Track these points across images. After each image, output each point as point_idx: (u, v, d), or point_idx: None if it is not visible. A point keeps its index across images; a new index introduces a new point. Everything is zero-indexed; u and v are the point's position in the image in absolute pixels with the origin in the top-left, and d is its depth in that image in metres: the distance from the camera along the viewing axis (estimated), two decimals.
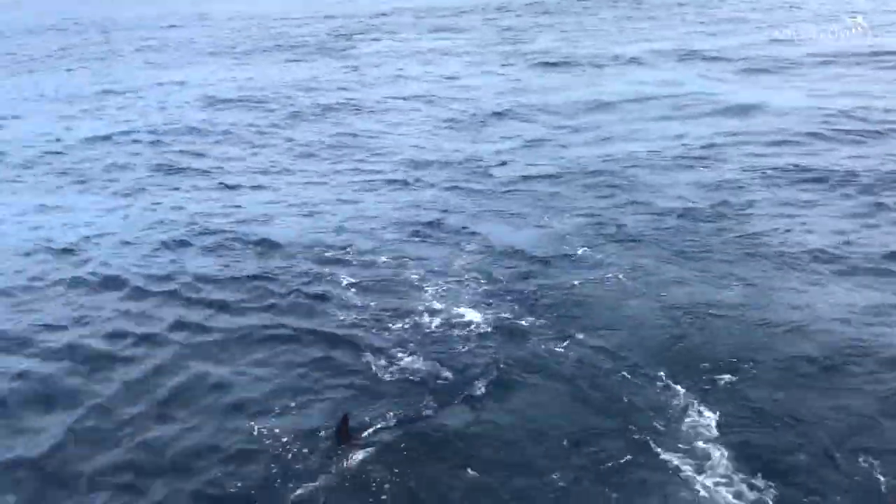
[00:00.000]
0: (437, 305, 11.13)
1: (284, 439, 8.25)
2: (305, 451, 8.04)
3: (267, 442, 8.26)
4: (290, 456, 7.99)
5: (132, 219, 16.44)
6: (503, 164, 19.21)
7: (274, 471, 7.80)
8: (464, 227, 14.49)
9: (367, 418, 8.49)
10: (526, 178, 17.81)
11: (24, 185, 19.97)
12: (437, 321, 10.67)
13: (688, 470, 7.33)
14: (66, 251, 14.61)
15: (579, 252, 12.87)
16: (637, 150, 19.49)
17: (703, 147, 19.30)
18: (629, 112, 24.42)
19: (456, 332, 10.33)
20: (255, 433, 8.45)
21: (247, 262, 13.45)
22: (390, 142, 22.34)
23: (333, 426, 8.20)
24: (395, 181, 18.20)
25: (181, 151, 22.61)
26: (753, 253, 12.41)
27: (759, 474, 7.23)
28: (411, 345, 10.12)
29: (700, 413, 8.18)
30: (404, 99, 28.67)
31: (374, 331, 10.59)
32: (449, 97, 28.33)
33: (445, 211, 15.57)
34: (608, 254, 12.76)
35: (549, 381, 9.06)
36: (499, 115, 25.31)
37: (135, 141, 24.10)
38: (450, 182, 17.68)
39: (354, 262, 13.08)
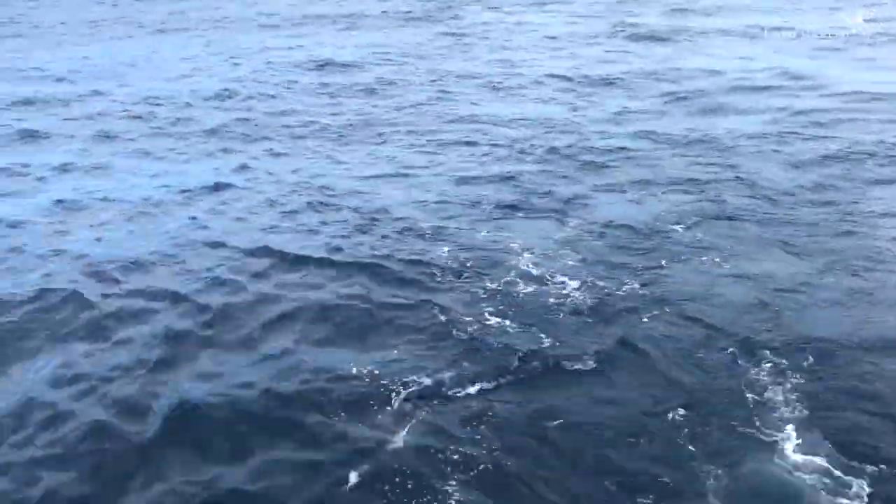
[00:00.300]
0: (534, 272, 11.36)
1: (368, 384, 8.75)
2: (386, 400, 8.47)
3: (348, 384, 8.77)
4: (371, 401, 8.45)
5: (240, 177, 17.19)
6: (605, 134, 19.21)
7: (349, 411, 8.31)
8: (562, 199, 14.63)
9: (451, 378, 8.79)
10: (626, 149, 17.78)
11: (143, 141, 21.06)
12: (531, 288, 10.89)
13: (777, 447, 7.41)
14: (177, 205, 15.49)
15: (677, 228, 12.87)
16: (741, 125, 19.20)
17: (811, 124, 18.87)
18: (735, 85, 24.00)
19: (551, 300, 10.53)
20: (338, 374, 8.98)
21: (346, 224, 13.92)
22: (493, 111, 22.51)
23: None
24: (496, 149, 18.42)
25: (290, 114, 23.38)
26: (862, 240, 12.09)
27: (846, 455, 7.26)
28: (502, 307, 10.37)
29: (792, 394, 8.20)
30: (508, 68, 28.78)
31: (468, 294, 10.85)
32: (553, 66, 28.31)
33: (545, 181, 15.73)
34: (706, 231, 12.71)
35: (639, 354, 9.16)
36: (604, 85, 25.24)
37: (246, 105, 25.00)
38: (551, 152, 17.78)
39: (452, 228, 13.39)
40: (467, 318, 10.07)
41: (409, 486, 7.16)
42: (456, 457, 7.52)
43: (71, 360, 9.65)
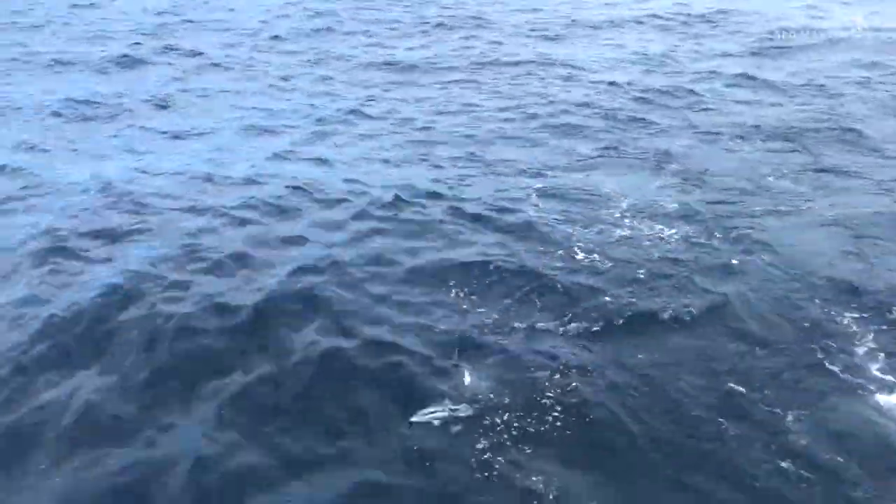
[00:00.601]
0: (630, 219, 11.50)
1: (458, 317, 8.96)
2: (474, 335, 8.60)
3: (436, 315, 8.99)
4: (458, 335, 8.58)
5: (339, 113, 17.77)
6: (705, 77, 19.03)
7: (442, 340, 8.52)
8: (659, 145, 14.68)
9: (542, 321, 8.86)
10: (725, 94, 17.64)
11: (242, 75, 21.87)
12: (627, 233, 11.03)
13: (865, 391, 7.58)
14: (276, 135, 16.25)
15: (775, 177, 12.83)
16: (848, 71, 18.70)
17: None
18: (844, 31, 23.26)
19: (646, 246, 10.67)
20: (424, 301, 9.30)
21: (441, 163, 14.29)
22: (593, 51, 22.50)
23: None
24: (595, 91, 18.52)
25: (388, 52, 23.79)
26: None
27: None
28: (596, 253, 10.43)
29: (881, 342, 8.29)
30: (607, 8, 28.46)
31: (562, 239, 10.89)
32: (654, 6, 27.85)
33: (642, 126, 15.80)
34: (805, 181, 12.65)
35: (731, 301, 9.24)
36: (706, 26, 24.78)
37: (347, 42, 25.48)
38: (650, 95, 17.78)
39: (549, 171, 13.62)
40: (560, 263, 10.19)
41: (503, 409, 7.42)
42: (546, 393, 7.68)
43: (166, 257, 10.46)
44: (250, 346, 8.46)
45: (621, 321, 8.86)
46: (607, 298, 9.28)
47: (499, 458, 6.75)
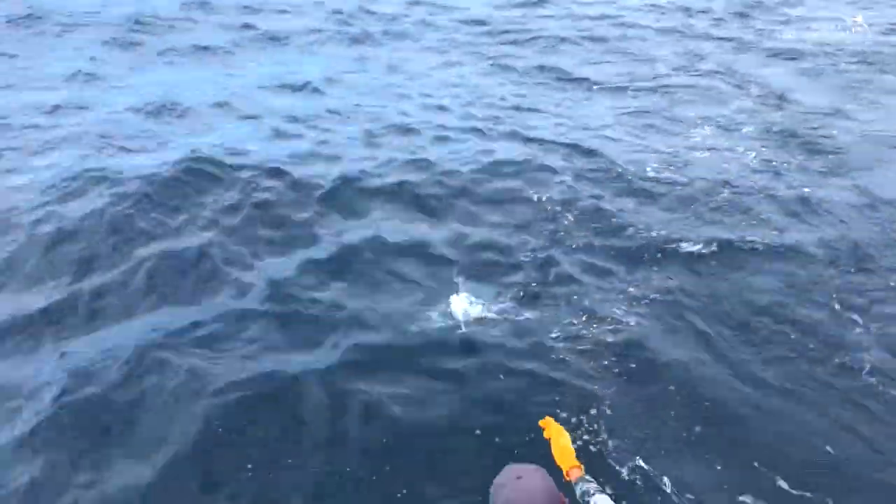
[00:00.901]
0: (706, 142, 11.48)
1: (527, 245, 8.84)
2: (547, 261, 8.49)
3: (497, 244, 8.86)
4: (537, 260, 8.48)
5: (427, 33, 17.85)
6: (792, 4, 18.53)
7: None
8: (738, 68, 14.54)
9: (613, 234, 8.82)
10: (808, 18, 17.18)
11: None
12: (706, 155, 10.97)
13: None
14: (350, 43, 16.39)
15: (856, 104, 12.65)
16: None
17: None
18: None
19: (724, 167, 10.63)
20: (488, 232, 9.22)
21: (517, 83, 14.33)
22: None
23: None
24: (671, 11, 18.39)
25: None
26: None
27: None
28: (667, 166, 10.40)
29: None
30: None
31: (640, 157, 10.82)
32: None
33: (720, 47, 15.61)
34: (886, 108, 12.44)
35: (805, 225, 9.24)
36: None
37: None
38: (728, 17, 17.44)
39: (630, 92, 13.66)
40: (633, 182, 10.13)
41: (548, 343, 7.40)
42: (610, 310, 7.56)
43: (240, 148, 10.86)
44: (320, 226, 8.83)
45: (693, 243, 8.77)
46: (679, 217, 9.26)
47: (543, 373, 6.64)
